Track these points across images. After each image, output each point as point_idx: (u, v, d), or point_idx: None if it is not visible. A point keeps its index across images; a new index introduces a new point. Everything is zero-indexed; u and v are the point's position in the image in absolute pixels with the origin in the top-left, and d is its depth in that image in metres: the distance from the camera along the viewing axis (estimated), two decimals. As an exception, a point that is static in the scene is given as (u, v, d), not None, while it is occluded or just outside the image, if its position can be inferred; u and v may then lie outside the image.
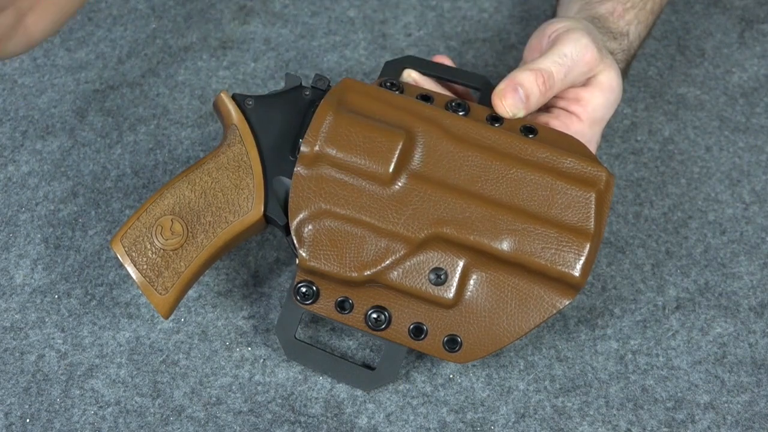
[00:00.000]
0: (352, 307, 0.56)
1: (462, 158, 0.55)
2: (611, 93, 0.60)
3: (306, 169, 0.55)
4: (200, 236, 0.56)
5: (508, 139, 0.56)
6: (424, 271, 0.55)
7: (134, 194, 0.68)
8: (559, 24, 0.61)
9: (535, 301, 0.55)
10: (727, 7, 0.80)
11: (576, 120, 0.60)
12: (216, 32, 0.78)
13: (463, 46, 0.78)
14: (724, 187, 0.70)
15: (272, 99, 0.58)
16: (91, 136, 0.71)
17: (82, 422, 0.59)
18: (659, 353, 0.62)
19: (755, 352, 0.62)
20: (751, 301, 0.64)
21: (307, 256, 0.55)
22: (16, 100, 0.73)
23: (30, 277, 0.64)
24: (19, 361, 0.61)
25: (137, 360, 0.61)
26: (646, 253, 0.66)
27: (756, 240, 0.67)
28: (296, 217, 0.55)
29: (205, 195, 0.56)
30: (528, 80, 0.57)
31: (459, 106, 0.58)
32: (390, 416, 0.59)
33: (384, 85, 0.59)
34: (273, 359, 0.61)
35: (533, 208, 0.55)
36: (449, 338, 0.55)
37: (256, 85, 0.75)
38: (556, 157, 0.56)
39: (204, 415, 0.59)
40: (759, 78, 0.76)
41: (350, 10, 0.80)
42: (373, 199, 0.55)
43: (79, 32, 0.78)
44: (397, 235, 0.55)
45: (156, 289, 0.55)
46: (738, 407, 0.60)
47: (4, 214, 0.67)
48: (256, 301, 0.64)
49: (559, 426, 0.59)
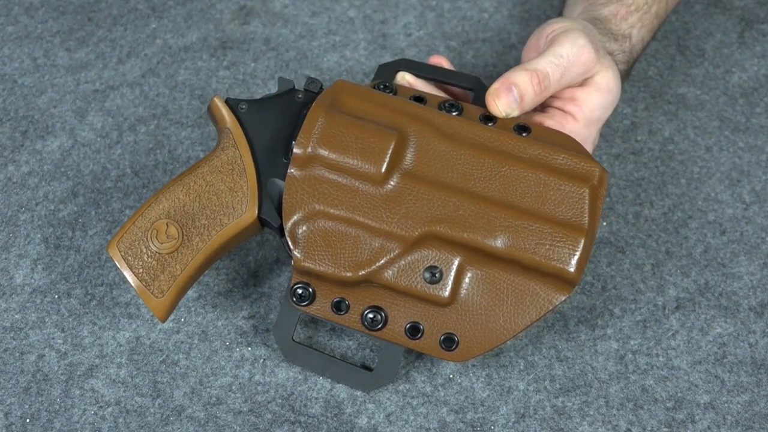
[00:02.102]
0: (348, 308, 0.56)
1: (454, 156, 0.56)
2: (608, 94, 0.60)
3: (299, 170, 0.56)
4: (195, 239, 0.56)
5: (501, 136, 0.56)
6: (419, 270, 0.55)
7: (134, 194, 0.68)
8: (558, 24, 0.61)
9: (530, 298, 0.55)
10: (727, 7, 0.80)
11: (571, 120, 0.60)
12: (216, 32, 0.78)
13: (463, 46, 0.78)
14: (724, 187, 0.70)
15: (265, 102, 0.59)
16: (91, 136, 0.71)
17: (82, 422, 0.59)
18: (659, 353, 0.62)
19: (755, 352, 0.62)
20: (751, 301, 0.64)
21: (301, 257, 0.55)
22: (16, 100, 0.73)
23: (30, 277, 0.64)
24: (19, 361, 0.61)
25: (137, 360, 0.61)
26: (646, 253, 0.66)
27: (756, 240, 0.67)
28: (290, 219, 0.55)
29: (200, 198, 0.56)
30: (523, 80, 0.57)
31: (452, 107, 0.58)
32: (390, 416, 0.59)
33: (378, 87, 0.59)
34: (273, 359, 0.61)
35: (527, 205, 0.55)
36: (446, 337, 0.55)
37: (256, 85, 0.75)
38: (548, 154, 0.56)
39: (204, 415, 0.59)
40: (759, 78, 0.76)
41: (350, 10, 0.80)
42: (366, 199, 0.55)
43: (79, 32, 0.78)
44: (391, 235, 0.55)
45: (152, 292, 0.55)
46: (738, 407, 0.60)
47: (4, 214, 0.67)
48: (256, 301, 0.64)
49: (559, 426, 0.59)
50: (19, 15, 0.79)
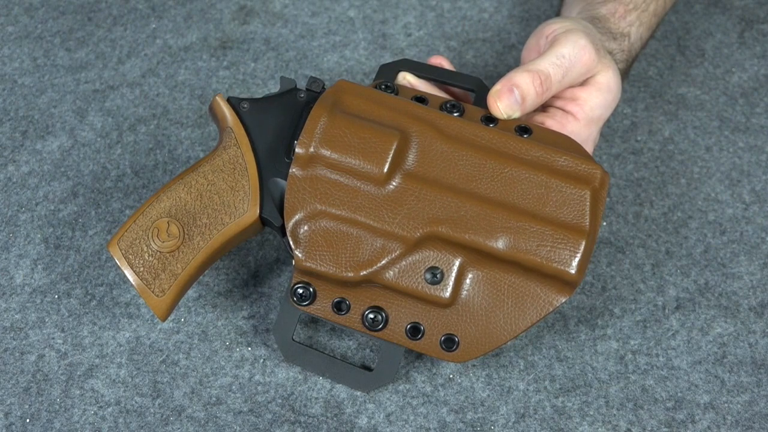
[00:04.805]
0: (348, 308, 0.56)
1: (456, 158, 0.56)
2: (609, 93, 0.60)
3: (301, 170, 0.56)
4: (196, 238, 0.56)
5: (503, 138, 0.56)
6: (420, 271, 0.55)
7: (134, 194, 0.68)
8: (557, 24, 0.61)
9: (531, 299, 0.55)
10: (727, 7, 0.80)
11: (572, 119, 0.60)
12: (216, 32, 0.78)
13: (463, 46, 0.78)
14: (724, 187, 0.70)
15: (267, 102, 0.59)
16: (91, 136, 0.71)
17: (82, 422, 0.59)
18: (659, 353, 0.62)
19: (755, 352, 0.62)
20: (751, 301, 0.64)
21: (303, 257, 0.55)
22: (16, 100, 0.73)
23: (30, 277, 0.64)
24: (19, 361, 0.61)
25: (137, 360, 0.61)
26: (646, 253, 0.66)
27: (756, 240, 0.67)
28: (292, 218, 0.55)
29: (201, 197, 0.56)
30: (524, 82, 0.57)
31: (454, 107, 0.58)
32: (390, 416, 0.59)
33: (379, 87, 0.59)
34: (273, 359, 0.61)
35: (528, 206, 0.55)
36: (446, 338, 0.55)
37: (256, 85, 0.75)
38: (550, 156, 0.56)
39: (204, 415, 0.59)
40: (759, 78, 0.76)
41: (350, 10, 0.80)
42: (368, 199, 0.55)
43: (79, 32, 0.78)
44: (392, 235, 0.55)
45: (153, 291, 0.55)
46: (738, 407, 0.60)
47: (4, 214, 0.67)
48: (256, 301, 0.64)
49: (559, 426, 0.59)
50: (19, 15, 0.79)
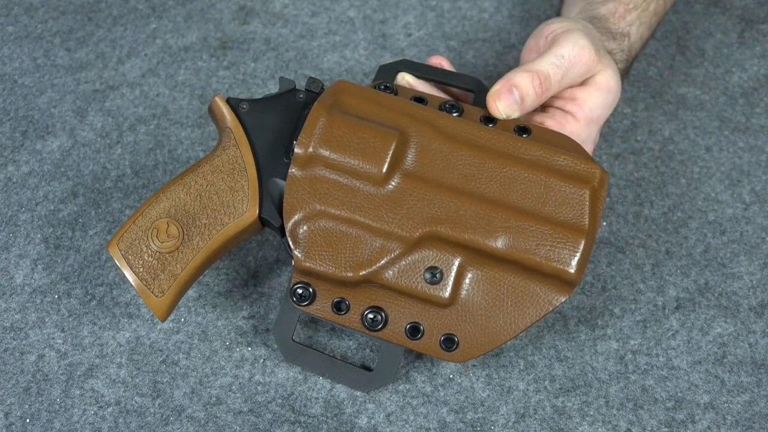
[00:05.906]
0: (348, 308, 0.56)
1: (455, 157, 0.56)
2: (609, 93, 0.60)
3: (300, 170, 0.56)
4: (196, 239, 0.56)
5: (502, 138, 0.56)
6: (420, 270, 0.55)
7: (134, 194, 0.68)
8: (557, 24, 0.61)
9: (531, 299, 0.55)
10: (727, 7, 0.80)
11: (572, 119, 0.60)
12: (216, 32, 0.78)
13: (463, 46, 0.77)
14: (724, 187, 0.70)
15: (266, 102, 0.59)
16: (91, 136, 0.71)
17: (82, 422, 0.59)
18: (659, 353, 0.62)
19: (755, 352, 0.62)
20: (751, 301, 0.64)
21: (302, 257, 0.55)
22: (16, 100, 0.73)
23: (30, 277, 0.64)
24: (19, 361, 0.61)
25: (137, 360, 0.61)
26: (646, 253, 0.66)
27: (756, 240, 0.67)
28: (291, 218, 0.55)
29: (201, 198, 0.56)
30: (524, 82, 0.57)
31: (453, 108, 0.58)
32: (390, 416, 0.59)
33: (378, 88, 0.59)
34: (273, 359, 0.61)
35: (527, 206, 0.55)
36: (446, 337, 0.55)
37: (256, 85, 0.75)
38: (549, 155, 0.56)
39: (204, 415, 0.59)
40: (759, 78, 0.76)
41: (350, 10, 0.80)
42: (367, 199, 0.55)
43: (79, 32, 0.78)
44: (391, 235, 0.55)
45: (152, 291, 0.55)
46: (738, 407, 0.60)
47: (4, 214, 0.67)
48: (256, 301, 0.64)
49: (559, 426, 0.59)
50: (19, 15, 0.79)
